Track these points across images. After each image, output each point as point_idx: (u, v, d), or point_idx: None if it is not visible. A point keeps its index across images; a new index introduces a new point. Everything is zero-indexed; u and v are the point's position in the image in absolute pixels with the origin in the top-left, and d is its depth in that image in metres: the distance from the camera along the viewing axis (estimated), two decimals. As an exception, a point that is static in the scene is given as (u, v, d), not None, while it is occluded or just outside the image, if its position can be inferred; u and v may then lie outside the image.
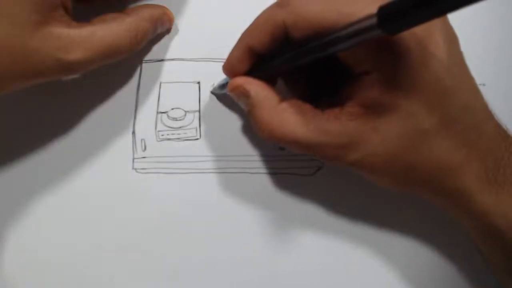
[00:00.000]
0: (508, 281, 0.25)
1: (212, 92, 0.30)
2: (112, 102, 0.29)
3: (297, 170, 0.29)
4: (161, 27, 0.28)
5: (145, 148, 0.29)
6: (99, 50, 0.24)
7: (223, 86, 0.28)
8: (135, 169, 0.29)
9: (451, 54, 0.22)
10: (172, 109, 0.29)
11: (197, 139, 0.29)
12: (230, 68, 0.26)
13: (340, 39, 0.21)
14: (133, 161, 0.29)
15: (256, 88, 0.25)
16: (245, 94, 0.25)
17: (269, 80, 0.26)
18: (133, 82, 0.29)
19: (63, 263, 0.28)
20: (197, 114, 0.30)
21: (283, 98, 0.25)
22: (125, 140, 0.29)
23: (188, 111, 0.29)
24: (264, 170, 0.29)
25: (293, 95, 0.27)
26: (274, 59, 0.24)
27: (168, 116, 0.29)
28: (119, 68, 0.29)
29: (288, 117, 0.24)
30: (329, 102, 0.24)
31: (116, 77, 0.29)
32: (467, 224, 0.25)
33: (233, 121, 0.29)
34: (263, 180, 0.29)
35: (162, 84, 0.30)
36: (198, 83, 0.30)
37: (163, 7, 0.28)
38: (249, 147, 0.29)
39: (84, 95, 0.29)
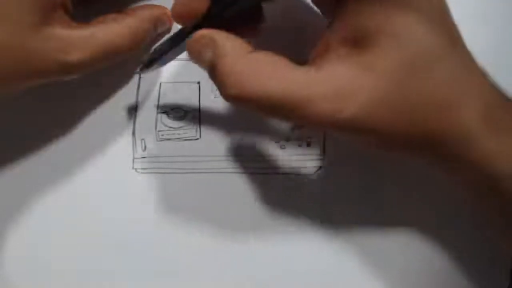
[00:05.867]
0: (506, 239, 0.24)
1: (141, 71, 0.26)
2: (112, 102, 0.29)
3: (297, 170, 0.29)
4: (161, 27, 0.28)
5: (145, 148, 0.29)
6: (99, 51, 0.24)
7: (161, 51, 0.24)
8: (135, 169, 0.29)
9: None
10: (172, 109, 0.29)
11: (197, 139, 0.29)
12: (182, 6, 0.22)
13: None
14: (133, 161, 0.29)
15: (223, 35, 0.21)
16: (210, 46, 0.20)
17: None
18: (133, 82, 0.29)
19: (63, 263, 0.29)
20: (197, 114, 0.30)
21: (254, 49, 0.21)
22: (125, 140, 0.29)
23: (188, 111, 0.29)
24: (264, 170, 0.29)
25: None
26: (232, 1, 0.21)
27: (168, 116, 0.29)
28: (119, 68, 0.28)
29: (262, 67, 0.19)
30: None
31: (116, 77, 0.29)
32: (466, 178, 0.23)
33: (233, 121, 0.29)
34: (263, 180, 0.29)
35: (162, 84, 0.30)
36: (198, 83, 0.30)
37: (163, 7, 0.28)
38: (249, 147, 0.29)
39: (84, 95, 0.29)
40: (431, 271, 0.29)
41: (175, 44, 0.24)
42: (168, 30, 0.29)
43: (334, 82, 0.19)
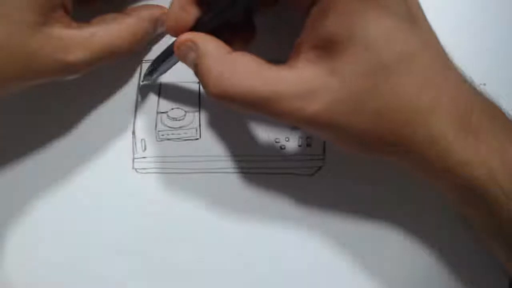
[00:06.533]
0: (491, 241, 0.24)
1: (144, 81, 0.29)
2: (112, 102, 0.29)
3: (297, 170, 0.29)
4: (161, 27, 0.28)
5: (145, 148, 0.29)
6: (99, 50, 0.24)
7: (157, 63, 0.27)
8: (135, 169, 0.29)
9: None
10: (172, 109, 0.29)
11: (197, 139, 0.29)
12: (174, 21, 0.23)
13: None
14: (133, 161, 0.29)
15: (205, 37, 0.22)
16: (192, 48, 0.22)
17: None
18: (133, 82, 0.29)
19: (63, 263, 0.29)
20: (197, 114, 0.30)
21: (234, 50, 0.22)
22: (125, 140, 0.29)
23: (188, 111, 0.29)
24: (264, 170, 0.29)
25: None
26: (220, 12, 0.23)
27: (168, 116, 0.29)
28: (119, 68, 0.29)
29: (240, 67, 0.21)
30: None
31: (116, 77, 0.29)
32: (445, 184, 0.23)
33: (233, 121, 0.29)
34: (263, 180, 0.29)
35: (162, 84, 0.30)
36: (198, 83, 0.30)
37: (163, 7, 0.28)
38: (249, 147, 0.29)
39: (84, 95, 0.29)
40: (430, 272, 0.29)
41: (171, 54, 0.25)
42: (168, 31, 0.29)
43: (301, 83, 0.21)
